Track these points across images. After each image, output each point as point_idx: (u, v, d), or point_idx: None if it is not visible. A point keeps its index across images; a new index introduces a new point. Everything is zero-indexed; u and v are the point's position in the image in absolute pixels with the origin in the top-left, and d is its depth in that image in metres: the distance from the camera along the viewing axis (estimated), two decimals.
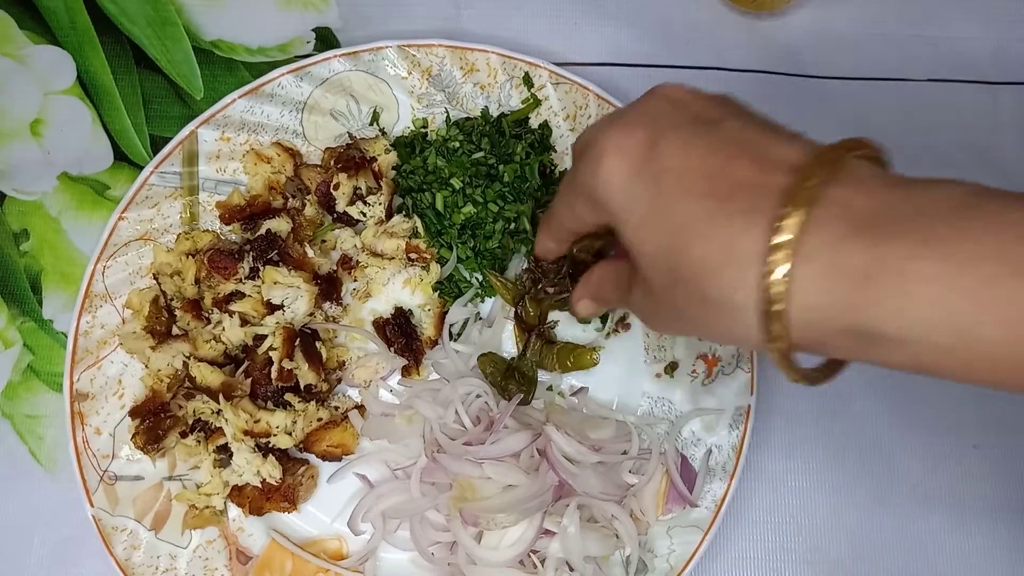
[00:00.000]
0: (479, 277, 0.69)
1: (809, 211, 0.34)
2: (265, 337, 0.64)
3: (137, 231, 0.68)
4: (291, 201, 0.69)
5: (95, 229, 0.70)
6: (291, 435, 0.63)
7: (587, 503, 0.61)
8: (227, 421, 0.62)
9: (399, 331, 0.67)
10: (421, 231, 0.68)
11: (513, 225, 0.68)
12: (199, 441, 0.64)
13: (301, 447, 0.65)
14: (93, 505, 0.63)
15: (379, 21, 0.75)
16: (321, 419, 0.65)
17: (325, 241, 0.69)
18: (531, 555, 0.60)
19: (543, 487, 0.59)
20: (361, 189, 0.68)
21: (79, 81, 0.74)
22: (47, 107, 0.73)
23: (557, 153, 0.71)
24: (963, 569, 0.66)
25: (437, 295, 0.69)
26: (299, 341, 0.64)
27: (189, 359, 0.65)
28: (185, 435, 0.64)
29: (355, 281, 0.70)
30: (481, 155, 0.69)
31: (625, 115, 0.42)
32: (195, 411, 0.64)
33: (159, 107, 0.73)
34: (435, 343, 0.68)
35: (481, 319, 0.69)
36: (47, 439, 0.67)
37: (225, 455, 0.64)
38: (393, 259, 0.68)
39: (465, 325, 0.68)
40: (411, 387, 0.67)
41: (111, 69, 0.74)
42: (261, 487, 0.63)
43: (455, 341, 0.68)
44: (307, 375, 0.64)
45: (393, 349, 0.67)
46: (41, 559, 0.65)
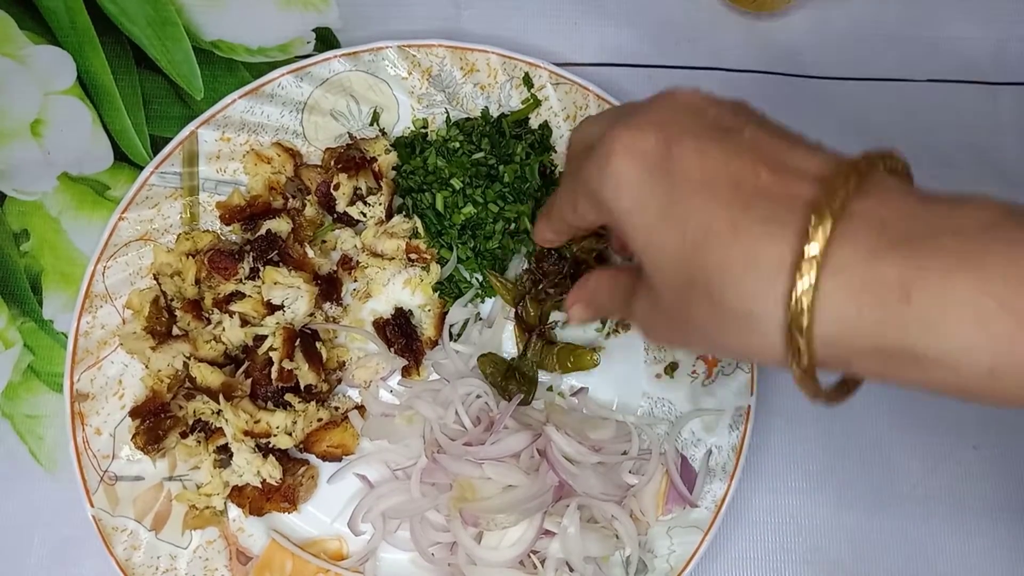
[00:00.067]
0: (479, 277, 0.69)
1: (837, 223, 0.33)
2: (265, 337, 0.64)
3: (137, 231, 0.68)
4: (291, 201, 0.69)
5: (95, 229, 0.70)
6: (291, 435, 0.63)
7: (587, 503, 0.61)
8: (227, 421, 0.62)
9: (399, 331, 0.67)
10: (421, 231, 0.68)
11: (513, 225, 0.68)
12: (199, 441, 0.64)
13: (301, 447, 0.65)
14: (93, 505, 0.63)
15: (379, 21, 0.75)
16: (321, 419, 0.65)
17: (325, 241, 0.69)
18: (531, 555, 0.60)
19: (543, 487, 0.59)
20: (361, 189, 0.68)
21: (79, 81, 0.74)
22: (47, 107, 0.73)
23: (557, 153, 0.71)
24: (963, 569, 0.66)
25: (437, 295, 0.69)
26: (299, 341, 0.64)
27: (189, 359, 0.65)
28: (185, 435, 0.64)
29: (355, 281, 0.70)
30: (481, 155, 0.69)
31: (635, 116, 0.40)
32: (195, 411, 0.64)
33: (159, 107, 0.73)
34: (435, 343, 0.68)
35: (481, 319, 0.69)
36: (47, 439, 0.67)
37: (225, 455, 0.64)
38: (393, 259, 0.68)
39: (465, 325, 0.68)
40: (411, 387, 0.67)
41: (111, 69, 0.74)
42: (261, 487, 0.63)
43: (455, 341, 0.68)
44: (307, 375, 0.64)
45: (393, 349, 0.67)
46: (41, 559, 0.65)
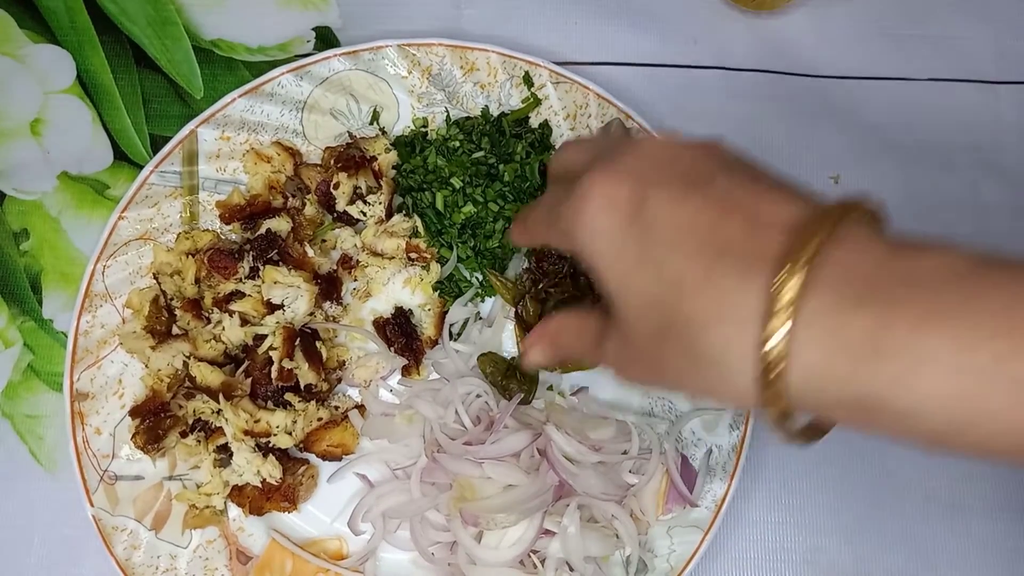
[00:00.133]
0: (479, 277, 0.69)
1: (808, 273, 0.33)
2: (265, 337, 0.64)
3: (137, 231, 0.68)
4: (291, 200, 0.69)
5: (95, 229, 0.70)
6: (291, 435, 0.63)
7: (587, 503, 0.61)
8: (227, 421, 0.62)
9: (399, 331, 0.67)
10: (421, 230, 0.68)
11: None
12: (199, 441, 0.64)
13: (301, 447, 0.65)
14: (93, 505, 0.63)
15: (379, 20, 0.75)
16: (321, 419, 0.65)
17: (325, 241, 0.69)
18: (531, 555, 0.60)
19: (543, 487, 0.59)
20: (361, 188, 0.68)
21: (79, 81, 0.74)
22: (47, 107, 0.73)
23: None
24: (963, 569, 0.66)
25: (437, 294, 0.69)
26: (299, 341, 0.64)
27: (189, 359, 0.65)
28: (185, 435, 0.64)
29: (355, 281, 0.70)
30: (481, 154, 0.69)
31: (612, 163, 0.41)
32: (195, 411, 0.64)
33: (159, 106, 0.73)
34: (435, 343, 0.68)
35: (481, 319, 0.69)
36: (47, 439, 0.67)
37: (225, 455, 0.64)
38: (393, 259, 0.68)
39: (465, 325, 0.68)
40: (411, 387, 0.66)
41: (111, 69, 0.74)
42: (261, 487, 0.63)
43: (455, 341, 0.68)
44: (307, 375, 0.64)
45: (393, 349, 0.67)
46: (41, 559, 0.65)
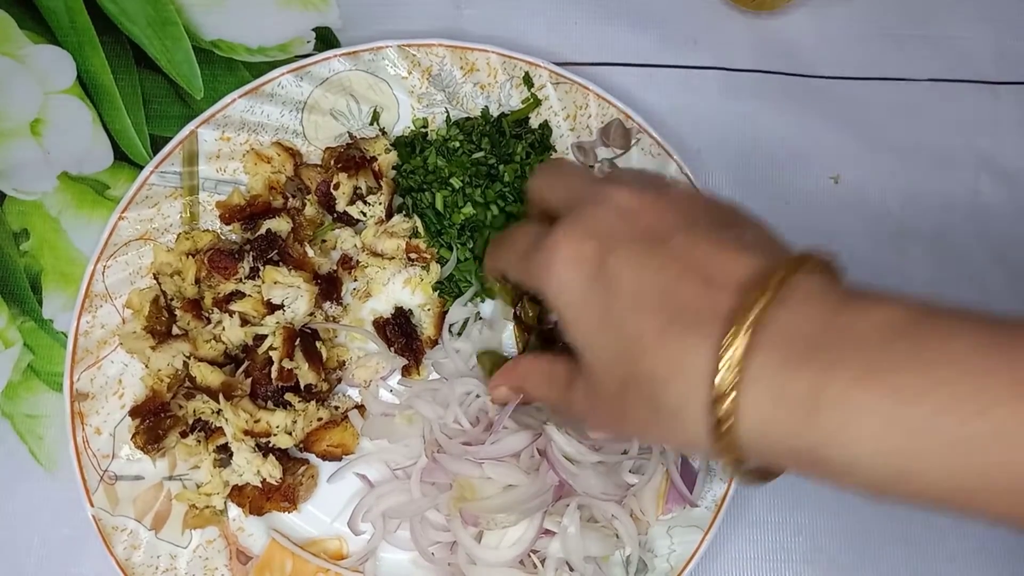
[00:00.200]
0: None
1: (754, 334, 0.35)
2: (265, 337, 0.64)
3: (137, 231, 0.68)
4: (291, 201, 0.69)
5: (95, 229, 0.70)
6: (291, 435, 0.63)
7: (587, 503, 0.61)
8: (227, 421, 0.62)
9: (399, 331, 0.67)
10: (421, 231, 0.68)
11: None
12: (199, 441, 0.64)
13: (301, 447, 0.65)
14: (93, 505, 0.63)
15: (379, 20, 0.75)
16: (321, 419, 0.65)
17: (325, 241, 0.69)
18: (531, 555, 0.60)
19: (543, 487, 0.59)
20: (361, 189, 0.68)
21: (79, 81, 0.74)
22: (47, 107, 0.73)
23: (557, 153, 0.71)
24: (963, 569, 0.66)
25: (437, 295, 0.69)
26: (299, 341, 0.64)
27: (189, 359, 0.65)
28: (185, 435, 0.64)
29: (355, 281, 0.70)
30: (481, 155, 0.69)
31: (580, 220, 0.43)
32: (195, 411, 0.64)
33: (159, 107, 0.73)
34: (435, 343, 0.68)
35: (481, 319, 0.69)
36: (47, 439, 0.67)
37: (225, 455, 0.64)
38: (393, 259, 0.68)
39: (465, 325, 0.68)
40: (411, 387, 0.66)
41: (111, 69, 0.74)
42: (261, 487, 0.63)
43: (456, 338, 0.68)
44: (307, 375, 0.64)
45: (393, 349, 0.67)
46: (41, 559, 0.65)
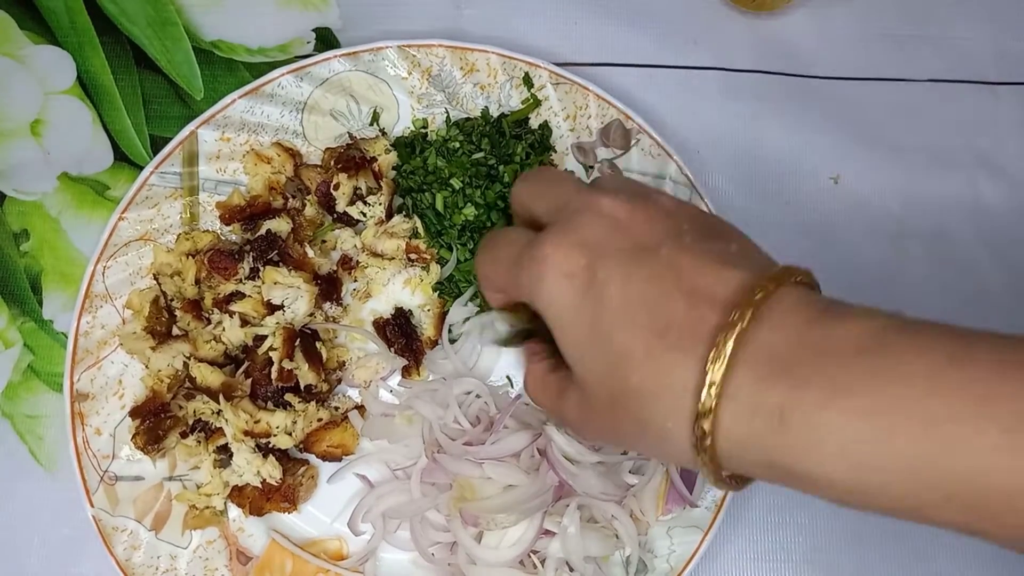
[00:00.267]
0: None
1: (734, 353, 0.37)
2: (265, 337, 0.64)
3: (137, 231, 0.68)
4: (291, 201, 0.69)
5: (95, 229, 0.70)
6: (291, 435, 0.63)
7: (587, 503, 0.61)
8: (227, 421, 0.62)
9: (399, 331, 0.67)
10: (421, 231, 0.68)
11: None
12: (199, 441, 0.64)
13: (301, 447, 0.65)
14: (93, 505, 0.63)
15: (379, 21, 0.75)
16: (321, 419, 0.65)
17: (325, 241, 0.69)
18: (531, 555, 0.60)
19: (543, 487, 0.59)
20: (361, 189, 0.68)
21: (79, 81, 0.74)
22: (47, 107, 0.73)
23: (557, 153, 0.71)
24: (963, 569, 0.66)
25: (437, 295, 0.69)
26: (299, 341, 0.64)
27: (189, 359, 0.65)
28: (185, 435, 0.64)
29: (355, 281, 0.70)
30: (481, 155, 0.69)
31: (567, 232, 0.43)
32: (195, 411, 0.64)
33: (159, 107, 0.73)
34: (435, 343, 0.68)
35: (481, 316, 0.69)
36: (47, 439, 0.67)
37: (225, 455, 0.64)
38: (393, 259, 0.68)
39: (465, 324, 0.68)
40: (411, 387, 0.67)
41: (111, 69, 0.74)
42: (261, 487, 0.63)
43: (454, 335, 0.68)
44: (307, 375, 0.64)
45: (393, 349, 0.67)
46: (41, 559, 0.65)
